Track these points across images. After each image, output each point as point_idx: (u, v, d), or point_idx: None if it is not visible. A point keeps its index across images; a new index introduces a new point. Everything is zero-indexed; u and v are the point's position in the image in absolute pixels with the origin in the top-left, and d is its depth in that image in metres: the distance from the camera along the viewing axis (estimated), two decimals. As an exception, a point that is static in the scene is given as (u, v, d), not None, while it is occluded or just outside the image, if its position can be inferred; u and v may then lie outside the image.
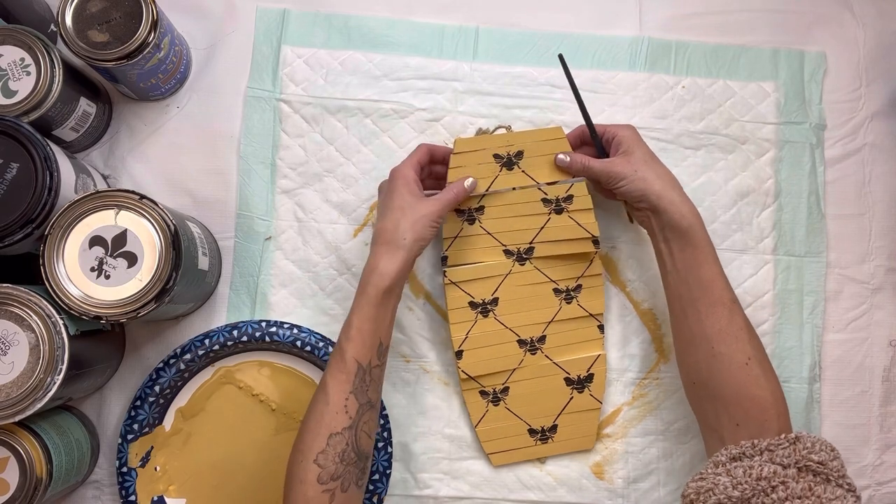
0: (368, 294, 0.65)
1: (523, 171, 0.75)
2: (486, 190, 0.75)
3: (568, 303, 0.77)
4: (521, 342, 0.77)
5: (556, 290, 0.77)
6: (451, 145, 0.78)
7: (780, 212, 0.82)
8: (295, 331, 0.76)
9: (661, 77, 0.84)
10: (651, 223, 0.71)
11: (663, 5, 0.86)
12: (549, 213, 0.75)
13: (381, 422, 0.75)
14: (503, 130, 0.78)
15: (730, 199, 0.82)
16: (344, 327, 0.66)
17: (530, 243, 0.76)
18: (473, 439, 0.78)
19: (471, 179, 0.73)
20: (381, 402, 0.75)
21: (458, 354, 0.76)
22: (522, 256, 0.76)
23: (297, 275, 0.80)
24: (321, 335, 0.77)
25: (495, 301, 0.76)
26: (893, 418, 0.81)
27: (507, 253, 0.76)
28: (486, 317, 0.76)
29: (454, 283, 0.75)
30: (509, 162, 0.75)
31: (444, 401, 0.79)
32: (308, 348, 0.76)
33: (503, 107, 0.82)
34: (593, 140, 0.75)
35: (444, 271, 0.76)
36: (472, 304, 0.76)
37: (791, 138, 0.83)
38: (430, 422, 0.78)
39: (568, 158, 0.74)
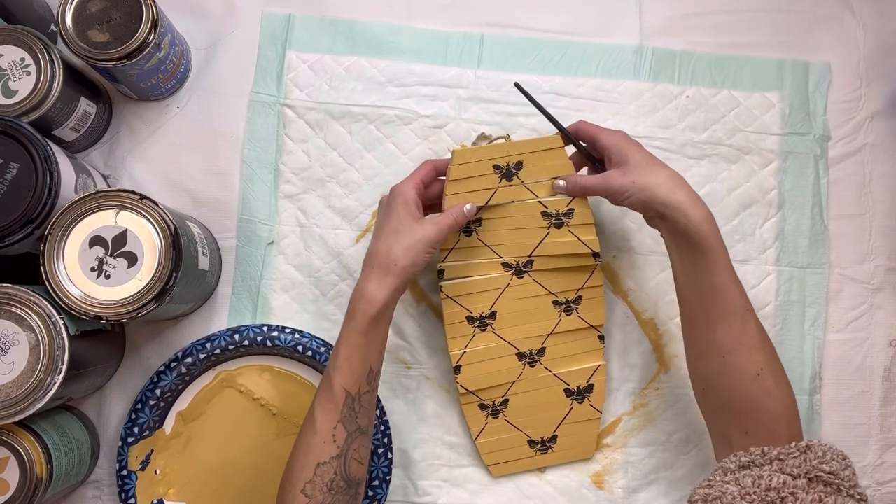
0: (356, 321, 0.63)
1: (523, 183, 0.72)
2: (486, 202, 0.72)
3: (568, 315, 0.75)
4: (521, 355, 0.75)
5: (556, 303, 0.75)
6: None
7: (783, 223, 0.82)
8: (296, 335, 0.76)
9: (666, 86, 0.84)
10: (661, 229, 0.68)
11: (663, 6, 0.86)
12: (549, 226, 0.73)
13: (382, 427, 0.74)
14: (502, 140, 0.75)
15: (733, 209, 0.82)
16: (332, 355, 0.64)
17: (529, 256, 0.74)
18: (473, 447, 0.78)
19: (470, 204, 0.69)
20: (381, 407, 0.74)
21: (456, 370, 0.75)
22: (521, 269, 0.74)
23: (299, 280, 0.79)
24: (322, 340, 0.76)
25: (493, 315, 0.74)
26: (893, 418, 0.81)
27: (506, 266, 0.74)
28: (483, 331, 0.74)
29: (451, 297, 0.73)
30: (509, 173, 0.72)
31: (445, 408, 0.78)
32: (309, 353, 0.76)
33: (507, 114, 0.82)
34: (580, 151, 0.72)
35: (441, 285, 0.73)
36: (470, 319, 0.74)
37: (795, 149, 0.83)
38: (431, 429, 0.78)
39: (563, 183, 0.71)
